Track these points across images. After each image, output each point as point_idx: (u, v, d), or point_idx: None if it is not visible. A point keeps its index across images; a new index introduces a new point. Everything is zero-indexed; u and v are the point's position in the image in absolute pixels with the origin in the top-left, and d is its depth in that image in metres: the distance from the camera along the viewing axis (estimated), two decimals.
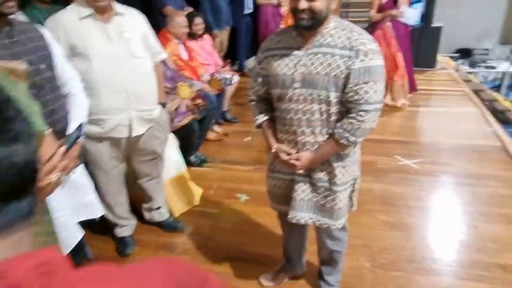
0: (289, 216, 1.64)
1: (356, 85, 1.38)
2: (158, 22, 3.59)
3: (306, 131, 1.50)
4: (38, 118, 1.23)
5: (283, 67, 1.47)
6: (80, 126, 1.28)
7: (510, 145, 3.42)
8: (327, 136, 1.49)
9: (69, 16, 1.87)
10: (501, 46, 7.94)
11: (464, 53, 7.81)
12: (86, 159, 2.04)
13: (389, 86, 4.30)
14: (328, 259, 1.91)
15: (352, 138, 1.44)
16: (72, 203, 1.67)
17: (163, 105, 2.35)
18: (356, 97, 1.39)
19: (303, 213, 1.62)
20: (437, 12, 5.97)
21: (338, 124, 1.46)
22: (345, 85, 1.39)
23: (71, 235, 1.66)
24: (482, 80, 7.03)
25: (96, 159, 2.09)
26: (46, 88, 1.50)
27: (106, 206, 2.23)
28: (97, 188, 2.15)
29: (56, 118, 1.55)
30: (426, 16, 5.64)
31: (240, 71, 5.85)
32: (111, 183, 2.20)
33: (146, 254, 2.33)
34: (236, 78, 4.05)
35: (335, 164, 1.53)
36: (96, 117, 1.95)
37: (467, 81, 5.73)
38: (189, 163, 3.24)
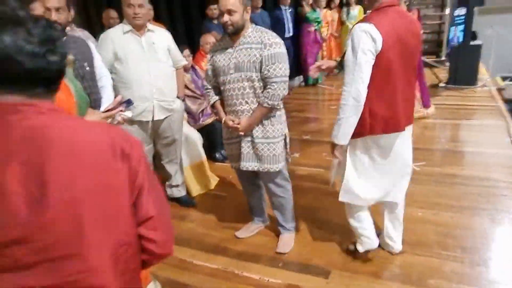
0: (240, 166, 2.28)
1: (267, 66, 2.06)
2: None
3: (242, 102, 2.17)
4: (82, 91, 1.85)
5: (222, 60, 2.18)
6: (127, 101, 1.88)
7: None
8: (256, 104, 2.15)
9: (115, 31, 2.58)
10: None
11: None
12: None
13: None
14: (278, 205, 2.44)
15: (270, 102, 2.10)
16: None
17: (183, 100, 2.97)
18: (268, 74, 2.07)
19: (249, 163, 2.26)
20: (487, 32, 5.97)
21: (261, 94, 2.13)
22: (260, 67, 2.07)
23: None
24: None
25: None
26: (87, 78, 2.17)
27: None
28: None
29: (92, 99, 2.20)
30: (465, 34, 5.70)
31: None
32: None
33: None
34: None
35: (265, 123, 2.20)
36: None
37: (509, 100, 5.61)
38: (214, 159, 3.81)
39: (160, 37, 2.68)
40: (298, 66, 6.82)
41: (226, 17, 2.03)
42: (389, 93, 1.86)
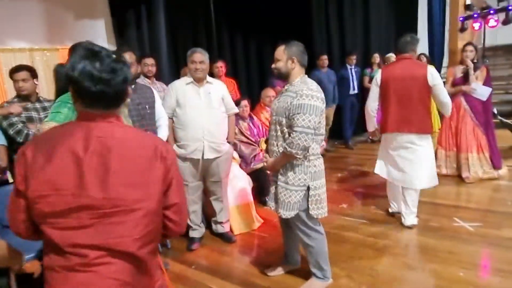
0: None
1: (293, 115, 2.17)
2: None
3: (273, 143, 2.35)
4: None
5: (273, 104, 2.44)
6: None
7: None
8: (282, 147, 2.26)
9: (180, 82, 3.08)
10: None
11: None
12: None
13: (448, 157, 4.45)
14: (307, 252, 2.45)
15: (289, 149, 2.17)
16: None
17: (234, 145, 3.29)
18: (291, 122, 2.19)
19: (271, 202, 2.45)
20: None
21: (287, 140, 2.24)
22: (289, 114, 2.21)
23: None
24: None
25: (181, 172, 3.10)
26: (146, 118, 2.64)
27: None
28: None
29: None
30: None
31: (345, 143, 6.46)
32: (189, 193, 3.15)
33: (205, 253, 3.11)
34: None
35: (288, 169, 2.28)
36: (183, 143, 3.01)
37: None
38: (263, 202, 4.00)
39: (216, 88, 3.11)
40: (363, 122, 6.87)
41: (273, 64, 2.35)
42: (385, 108, 3.26)
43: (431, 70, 3.12)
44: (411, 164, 3.15)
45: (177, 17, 5.75)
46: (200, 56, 2.97)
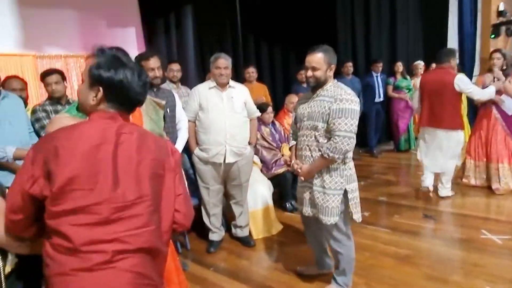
0: (302, 210, 2.40)
1: (333, 119, 2.13)
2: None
3: (307, 148, 2.29)
4: (162, 130, 2.34)
5: (301, 109, 2.39)
6: None
7: None
8: (318, 152, 2.22)
9: (203, 86, 3.14)
10: None
11: None
12: (197, 175, 3.16)
13: (477, 167, 4.32)
14: (335, 258, 2.41)
15: (331, 154, 2.14)
16: None
17: (256, 150, 3.33)
18: (333, 127, 2.15)
19: (307, 208, 2.36)
20: None
21: (324, 144, 2.18)
22: (328, 119, 2.15)
23: None
24: None
25: (202, 176, 3.15)
26: (167, 120, 2.70)
27: (205, 213, 3.25)
28: (201, 198, 3.21)
29: (170, 137, 2.71)
30: None
31: (370, 152, 6.36)
32: (210, 196, 3.20)
33: (223, 256, 3.14)
34: None
35: (324, 173, 2.23)
36: (205, 147, 3.06)
37: None
38: (283, 208, 4.00)
39: (239, 92, 3.16)
40: (389, 131, 6.75)
41: (309, 73, 2.23)
42: (421, 107, 4.07)
43: (458, 78, 3.79)
44: (441, 153, 3.95)
45: (204, 24, 5.90)
46: (224, 62, 3.03)
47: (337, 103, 2.12)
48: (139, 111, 2.10)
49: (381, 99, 6.27)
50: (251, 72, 4.98)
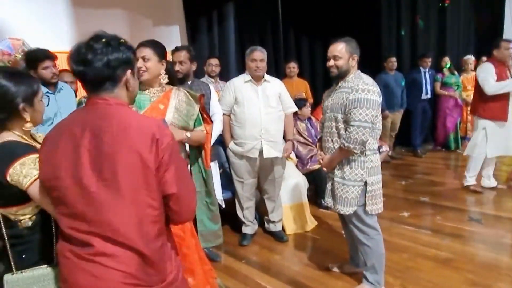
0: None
1: (349, 109, 2.16)
2: None
3: (329, 140, 2.34)
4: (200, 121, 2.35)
5: (326, 101, 2.43)
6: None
7: None
8: (339, 144, 2.23)
9: (238, 80, 3.16)
10: None
11: None
12: (232, 168, 3.19)
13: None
14: (362, 252, 2.37)
15: (346, 144, 2.15)
16: None
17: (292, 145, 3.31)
18: (348, 117, 2.17)
19: (328, 199, 2.41)
20: None
21: (343, 135, 2.21)
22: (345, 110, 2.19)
23: None
24: None
25: (236, 170, 3.18)
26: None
27: (238, 207, 3.28)
28: (235, 191, 3.24)
29: None
30: None
31: (413, 151, 6.06)
32: (244, 190, 3.22)
33: (256, 249, 3.15)
34: (384, 148, 4.50)
35: (345, 164, 2.25)
36: (241, 141, 3.08)
37: None
38: (319, 205, 3.94)
39: (274, 86, 3.14)
40: (435, 130, 6.40)
41: (331, 62, 2.26)
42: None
43: (481, 66, 3.94)
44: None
45: (245, 20, 5.95)
46: (260, 54, 3.03)
47: (353, 93, 2.14)
48: (165, 101, 2.12)
49: (429, 96, 5.95)
50: (292, 67, 4.94)
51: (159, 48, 2.09)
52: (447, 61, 5.88)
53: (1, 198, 1.30)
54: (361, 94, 2.12)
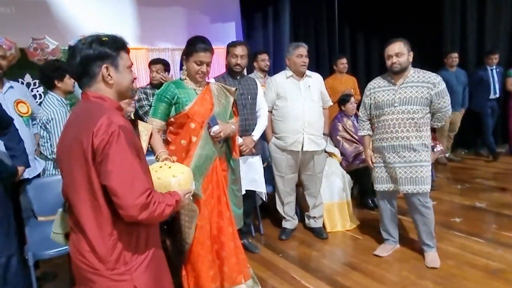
0: (391, 188, 2.72)
1: (438, 100, 2.55)
2: None
3: (400, 130, 2.58)
4: (232, 114, 2.44)
5: (386, 96, 2.64)
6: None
7: None
8: (412, 132, 2.56)
9: (281, 76, 3.19)
10: None
11: None
12: (273, 163, 3.24)
13: None
14: (423, 226, 2.67)
15: (439, 124, 2.68)
16: (246, 176, 2.84)
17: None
18: (440, 105, 2.56)
19: (388, 184, 2.71)
20: None
21: (428, 121, 2.61)
22: (430, 102, 2.54)
23: None
24: None
25: (277, 164, 3.22)
26: (247, 107, 2.83)
27: (279, 202, 3.33)
28: (276, 186, 3.29)
29: (248, 123, 2.84)
30: None
31: (492, 153, 5.52)
32: (285, 185, 3.25)
33: (294, 244, 3.18)
34: (439, 147, 4.25)
35: (421, 148, 2.60)
36: (283, 135, 3.12)
37: None
38: (364, 205, 3.85)
39: (315, 81, 3.15)
40: (505, 132, 5.87)
41: (394, 59, 2.53)
42: None
43: None
44: None
45: (301, 16, 5.95)
46: (305, 50, 3.05)
47: (437, 87, 2.51)
48: (209, 93, 2.24)
49: (497, 95, 5.48)
50: (343, 63, 4.89)
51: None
52: None
53: None
54: (442, 85, 2.53)
